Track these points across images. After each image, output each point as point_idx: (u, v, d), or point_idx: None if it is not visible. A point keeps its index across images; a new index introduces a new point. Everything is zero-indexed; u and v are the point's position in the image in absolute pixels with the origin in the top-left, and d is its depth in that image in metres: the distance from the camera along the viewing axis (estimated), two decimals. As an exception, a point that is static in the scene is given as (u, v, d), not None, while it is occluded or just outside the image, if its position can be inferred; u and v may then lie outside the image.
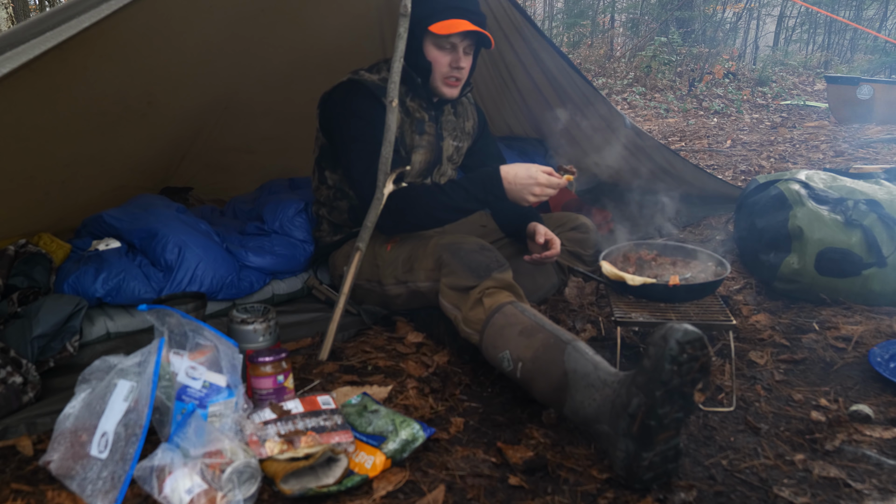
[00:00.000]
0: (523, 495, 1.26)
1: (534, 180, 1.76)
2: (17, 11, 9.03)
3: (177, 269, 2.08)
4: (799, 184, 2.33)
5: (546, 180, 1.77)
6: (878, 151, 4.77)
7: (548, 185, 1.77)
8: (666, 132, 6.30)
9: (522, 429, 1.48)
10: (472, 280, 1.68)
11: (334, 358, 1.84)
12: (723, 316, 1.63)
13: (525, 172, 1.77)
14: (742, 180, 4.04)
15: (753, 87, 8.83)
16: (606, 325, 2.02)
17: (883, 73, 8.76)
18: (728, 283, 2.35)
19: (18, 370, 1.56)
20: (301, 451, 1.28)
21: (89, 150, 2.36)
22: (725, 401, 1.60)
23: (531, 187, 1.77)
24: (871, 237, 2.06)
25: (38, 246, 2.04)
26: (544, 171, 1.78)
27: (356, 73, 2.00)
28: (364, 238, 1.78)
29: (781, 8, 12.05)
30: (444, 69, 1.92)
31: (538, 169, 1.78)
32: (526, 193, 1.78)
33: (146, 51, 2.18)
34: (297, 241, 2.36)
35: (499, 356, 1.54)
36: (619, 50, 11.55)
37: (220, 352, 1.42)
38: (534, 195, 1.77)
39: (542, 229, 2.06)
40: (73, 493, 1.25)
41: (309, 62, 2.77)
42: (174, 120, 2.71)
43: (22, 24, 1.42)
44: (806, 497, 1.24)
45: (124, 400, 1.31)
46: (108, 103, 2.25)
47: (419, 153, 2.03)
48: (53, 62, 1.71)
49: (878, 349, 1.76)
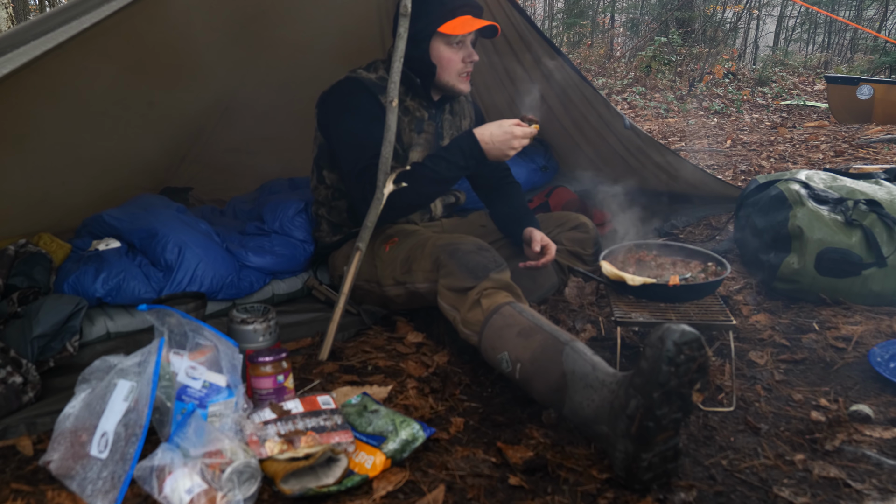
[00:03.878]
0: (523, 495, 1.26)
1: (510, 134, 1.81)
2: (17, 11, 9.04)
3: (177, 269, 2.08)
4: (799, 184, 2.33)
5: (522, 132, 1.81)
6: (878, 151, 4.77)
7: (523, 135, 1.82)
8: (666, 132, 6.30)
9: (522, 429, 1.48)
10: (469, 281, 1.68)
11: (334, 358, 1.84)
12: (723, 316, 1.63)
13: (499, 130, 1.82)
14: (742, 180, 4.04)
15: (753, 87, 8.84)
16: (606, 325, 2.02)
17: (883, 73, 8.76)
18: (728, 283, 2.35)
19: (18, 370, 1.56)
20: (301, 451, 1.28)
21: (89, 150, 2.36)
22: (725, 401, 1.60)
23: (510, 142, 1.81)
24: (871, 237, 2.06)
25: (38, 246, 2.04)
26: (514, 123, 1.82)
27: (354, 72, 2.01)
28: (364, 238, 1.78)
29: (781, 8, 12.06)
30: (459, 66, 1.95)
31: (510, 123, 1.82)
32: (506, 149, 1.82)
33: (146, 51, 2.18)
34: (297, 241, 2.36)
35: (497, 357, 1.54)
36: (619, 50, 11.56)
37: (220, 352, 1.42)
38: (513, 149, 1.82)
39: (538, 236, 2.04)
40: (73, 493, 1.25)
41: (309, 62, 2.77)
42: (174, 120, 2.71)
43: (23, 25, 1.42)
44: (806, 497, 1.24)
45: (124, 400, 1.31)
46: (108, 103, 2.26)
47: (416, 151, 2.03)
48: (53, 62, 1.71)
49: (878, 349, 1.76)
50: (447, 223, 2.26)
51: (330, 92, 2.02)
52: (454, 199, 2.30)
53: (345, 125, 1.94)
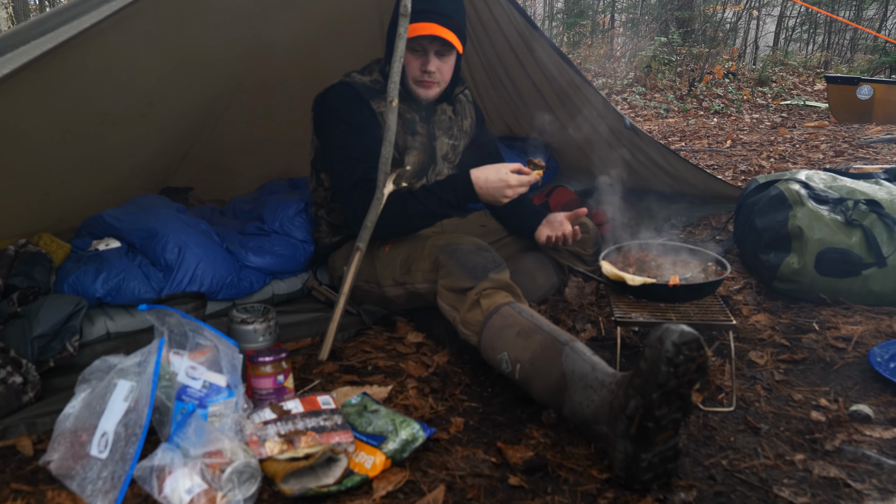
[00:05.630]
0: (523, 495, 1.26)
1: (504, 183, 1.80)
2: (17, 11, 9.04)
3: (177, 269, 2.08)
4: (799, 184, 2.33)
5: (516, 181, 1.80)
6: (878, 151, 4.78)
7: (518, 184, 1.81)
8: (666, 132, 6.30)
9: (522, 429, 1.48)
10: (469, 281, 1.68)
11: (334, 358, 1.84)
12: (723, 316, 1.63)
13: (495, 176, 1.81)
14: (742, 180, 4.04)
15: (753, 87, 8.84)
16: (606, 325, 2.02)
17: (883, 73, 8.76)
18: (728, 283, 2.35)
19: (18, 370, 1.56)
20: (301, 451, 1.28)
21: (89, 150, 2.36)
22: (725, 401, 1.60)
23: (503, 190, 1.81)
24: (871, 237, 2.06)
25: (38, 246, 2.04)
26: (513, 169, 1.82)
27: (348, 76, 2.00)
28: (364, 238, 1.78)
29: (781, 8, 12.05)
30: (415, 72, 1.92)
31: (507, 170, 1.81)
32: (499, 196, 1.82)
33: (146, 51, 2.18)
34: (297, 241, 2.36)
35: (497, 357, 1.54)
36: (619, 50, 11.56)
37: (220, 352, 1.42)
38: (506, 197, 1.82)
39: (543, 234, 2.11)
40: (73, 493, 1.25)
41: (309, 62, 2.77)
42: (174, 120, 2.71)
43: (23, 25, 1.42)
44: (806, 497, 1.24)
45: (124, 400, 1.31)
46: (108, 103, 2.25)
47: (412, 154, 2.03)
48: (53, 62, 1.71)
49: (878, 349, 1.76)
50: (447, 223, 2.26)
51: (324, 96, 2.00)
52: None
53: (336, 136, 1.93)
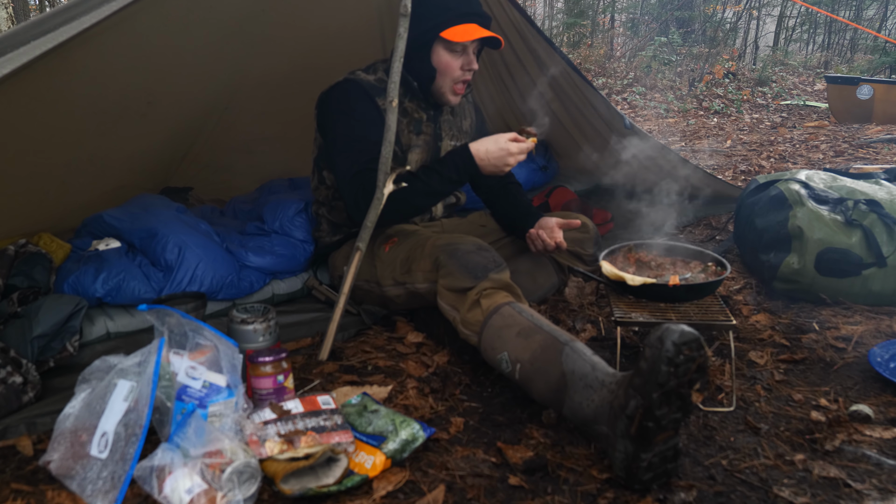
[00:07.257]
0: (523, 495, 1.26)
1: (506, 151, 1.81)
2: (17, 11, 9.03)
3: (177, 269, 2.08)
4: (799, 184, 2.33)
5: (517, 148, 1.82)
6: (878, 151, 4.78)
7: (519, 151, 1.82)
8: (666, 132, 6.30)
9: (522, 429, 1.48)
10: (469, 281, 1.68)
11: (334, 358, 1.84)
12: (723, 316, 1.63)
13: (495, 146, 1.82)
14: (742, 180, 4.04)
15: (753, 87, 8.83)
16: (606, 325, 2.02)
17: (883, 73, 8.76)
18: (728, 283, 2.35)
19: (18, 370, 1.56)
20: (301, 451, 1.28)
21: (89, 150, 2.36)
22: (725, 401, 1.60)
23: (505, 158, 1.82)
24: (871, 237, 2.06)
25: (38, 246, 2.04)
26: (511, 138, 1.83)
27: (353, 74, 2.01)
28: (364, 238, 1.78)
29: (781, 8, 12.04)
30: (457, 73, 1.94)
31: (506, 139, 1.83)
32: (501, 165, 1.83)
33: (146, 51, 2.18)
34: (297, 241, 2.36)
35: (497, 357, 1.54)
36: (619, 50, 11.55)
37: (220, 352, 1.42)
38: (508, 165, 1.83)
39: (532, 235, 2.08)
40: (73, 493, 1.25)
41: (309, 62, 2.77)
42: (174, 120, 2.71)
43: (23, 25, 1.42)
44: (806, 497, 1.24)
45: (124, 400, 1.31)
46: (108, 103, 2.25)
47: (415, 153, 2.03)
48: (53, 62, 1.71)
49: (878, 349, 1.76)
50: (447, 223, 2.26)
51: (328, 93, 2.02)
52: (454, 200, 2.31)
53: (341, 129, 1.94)
